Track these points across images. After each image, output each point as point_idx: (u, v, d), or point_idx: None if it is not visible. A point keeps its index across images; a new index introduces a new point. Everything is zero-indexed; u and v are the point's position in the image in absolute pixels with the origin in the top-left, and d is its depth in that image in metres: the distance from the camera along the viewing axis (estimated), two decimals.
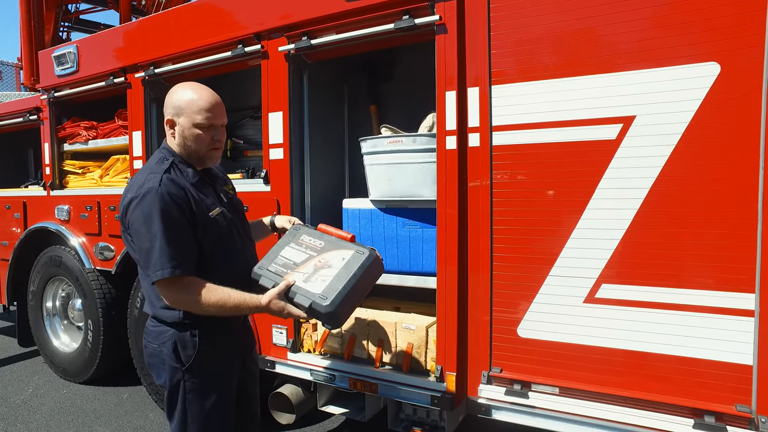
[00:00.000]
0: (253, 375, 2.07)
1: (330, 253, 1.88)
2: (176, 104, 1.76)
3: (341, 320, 1.82)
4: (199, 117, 1.74)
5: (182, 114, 1.75)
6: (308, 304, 1.70)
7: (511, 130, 2.11)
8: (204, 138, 1.78)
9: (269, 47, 2.72)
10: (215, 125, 1.79)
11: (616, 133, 1.90)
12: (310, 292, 1.73)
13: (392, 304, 2.95)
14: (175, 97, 1.77)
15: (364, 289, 1.86)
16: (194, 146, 1.78)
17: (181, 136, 1.77)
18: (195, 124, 1.75)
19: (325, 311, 1.68)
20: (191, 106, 1.74)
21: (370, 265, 1.80)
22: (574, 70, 1.97)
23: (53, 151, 4.00)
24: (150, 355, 1.82)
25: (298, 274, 1.82)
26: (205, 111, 1.74)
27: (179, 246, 1.66)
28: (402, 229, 2.64)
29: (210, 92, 1.79)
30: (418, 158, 2.48)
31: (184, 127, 1.76)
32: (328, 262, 1.84)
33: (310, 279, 1.79)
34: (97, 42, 3.62)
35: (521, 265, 2.13)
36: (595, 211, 1.96)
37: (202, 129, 1.76)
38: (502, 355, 2.20)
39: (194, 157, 1.81)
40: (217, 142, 1.82)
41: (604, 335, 2.00)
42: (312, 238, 1.98)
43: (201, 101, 1.74)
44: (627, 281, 1.94)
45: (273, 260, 1.94)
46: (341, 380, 2.59)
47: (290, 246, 1.98)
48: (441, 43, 2.24)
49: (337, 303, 1.69)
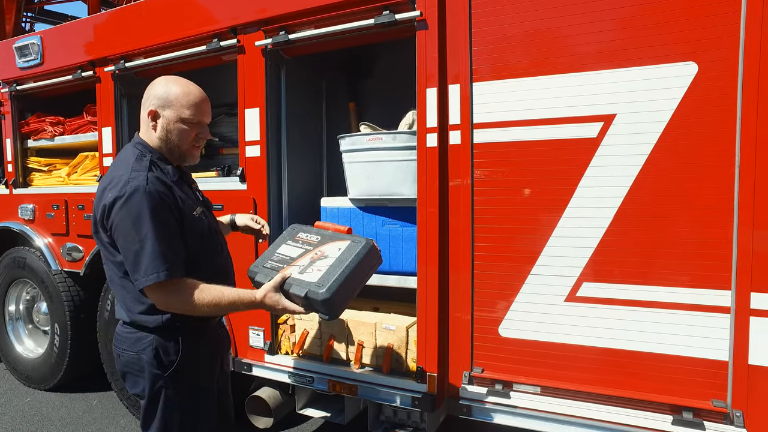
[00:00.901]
0: (227, 377, 2.01)
1: (326, 245, 1.85)
2: (163, 96, 1.68)
3: (338, 309, 1.78)
4: (187, 112, 1.68)
5: (169, 106, 1.68)
6: (304, 293, 1.66)
7: (492, 128, 2.10)
8: (189, 134, 1.72)
9: (246, 42, 2.65)
10: (202, 122, 1.73)
11: (597, 132, 1.90)
12: (306, 281, 1.69)
13: (371, 304, 2.91)
14: (162, 89, 1.69)
15: (361, 278, 1.83)
16: (177, 141, 1.71)
17: (164, 130, 1.70)
18: (182, 118, 1.68)
19: (322, 298, 1.64)
20: (180, 99, 1.67)
21: (366, 254, 1.78)
22: (555, 68, 1.97)
23: (16, 148, 3.82)
24: (125, 363, 1.73)
25: (293, 267, 1.79)
26: (194, 106, 1.69)
27: (170, 248, 1.60)
28: (382, 228, 2.60)
29: (199, 89, 1.74)
30: (397, 156, 2.45)
31: (169, 120, 1.69)
32: (324, 253, 1.81)
33: (306, 270, 1.76)
34: (64, 33, 3.47)
35: (502, 264, 2.12)
36: (576, 210, 1.96)
37: (189, 125, 1.70)
38: (483, 354, 2.19)
39: (174, 153, 1.74)
40: (200, 140, 1.77)
41: (586, 333, 2.00)
42: (308, 234, 1.96)
43: (191, 96, 1.69)
44: (607, 279, 1.94)
45: (269, 258, 1.91)
46: (320, 382, 2.54)
47: (286, 243, 1.96)
48: (422, 40, 2.21)
49: (334, 289, 1.65)
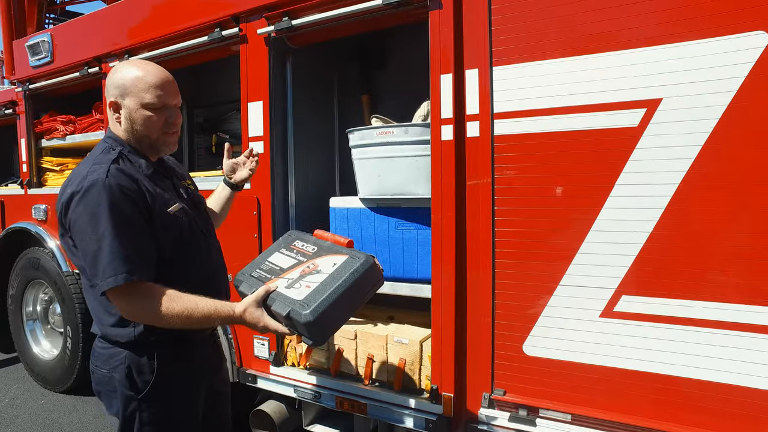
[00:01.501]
0: (222, 396, 1.81)
1: (321, 258, 1.62)
2: (119, 83, 1.49)
3: (325, 334, 1.56)
4: (148, 96, 1.48)
5: (128, 94, 1.49)
6: (286, 311, 1.43)
7: (515, 118, 1.84)
8: (156, 121, 1.51)
9: (248, 30, 2.46)
10: (168, 105, 1.52)
11: (639, 120, 1.62)
12: (290, 298, 1.47)
13: (386, 313, 2.69)
14: (118, 75, 1.50)
15: (355, 301, 1.59)
16: (144, 131, 1.52)
17: (128, 120, 1.51)
18: (144, 104, 1.48)
19: (305, 321, 1.41)
20: (138, 84, 1.48)
21: (364, 272, 1.53)
22: (589, 47, 1.69)
23: (30, 147, 3.78)
24: (98, 382, 1.56)
25: (281, 280, 1.56)
26: (155, 88, 1.48)
27: (133, 247, 1.40)
28: (395, 230, 2.37)
29: (159, 68, 1.53)
30: (410, 151, 2.22)
31: (130, 109, 1.50)
32: (318, 267, 1.58)
33: (294, 285, 1.53)
34: (71, 30, 3.39)
35: (527, 273, 1.86)
36: (613, 211, 1.69)
37: (153, 110, 1.50)
38: (505, 375, 1.93)
39: (145, 143, 1.55)
40: (171, 126, 1.55)
41: (624, 355, 1.72)
42: (305, 244, 1.73)
43: (149, 77, 1.48)
44: (651, 292, 1.66)
45: (258, 266, 1.70)
46: (327, 398, 2.34)
47: (280, 251, 1.75)
48: (435, 20, 1.97)
49: (319, 312, 1.42)
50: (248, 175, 1.98)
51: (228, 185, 2.00)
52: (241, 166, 1.99)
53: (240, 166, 1.99)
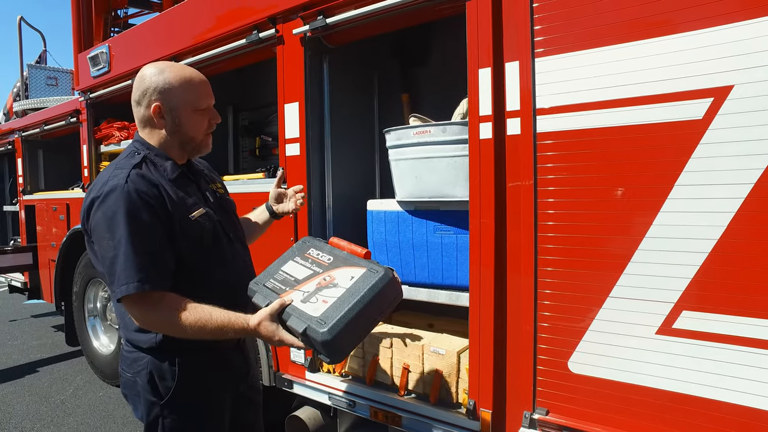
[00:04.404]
0: (253, 404, 1.77)
1: (338, 270, 1.55)
2: (163, 87, 1.47)
3: (342, 353, 1.48)
4: (199, 98, 1.52)
5: (177, 97, 1.48)
6: (302, 329, 1.38)
7: (559, 113, 1.68)
8: (203, 123, 1.55)
9: (284, 31, 2.44)
10: (210, 106, 1.56)
11: (704, 111, 1.42)
12: (307, 314, 1.41)
13: (425, 320, 2.59)
14: (159, 79, 1.48)
15: (374, 316, 1.51)
16: (191, 133, 1.53)
17: (175, 123, 1.51)
18: (195, 107, 1.51)
19: (322, 339, 1.34)
20: (185, 86, 1.48)
21: (383, 287, 1.45)
22: (645, 31, 1.51)
23: (91, 153, 3.98)
24: (124, 385, 1.56)
25: (296, 293, 1.50)
26: (206, 93, 1.53)
27: (148, 255, 1.38)
28: (433, 234, 2.26)
29: (195, 70, 1.55)
30: (449, 151, 2.10)
31: (179, 112, 1.50)
32: (334, 280, 1.51)
33: (310, 299, 1.47)
34: (125, 40, 3.53)
35: (574, 283, 1.69)
36: (673, 215, 1.50)
37: (200, 112, 1.53)
38: (548, 393, 1.77)
39: (189, 146, 1.56)
40: (213, 127, 1.59)
41: (683, 378, 1.52)
42: (320, 253, 1.66)
43: (196, 81, 1.51)
44: (718, 308, 1.45)
45: (272, 275, 1.63)
46: (362, 408, 2.26)
47: (294, 260, 1.68)
48: (472, 10, 1.85)
49: (337, 330, 1.35)
50: (292, 210, 1.93)
51: (269, 211, 1.95)
52: (287, 199, 1.95)
53: (286, 198, 1.95)
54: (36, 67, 6.38)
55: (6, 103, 7.19)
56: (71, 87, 6.28)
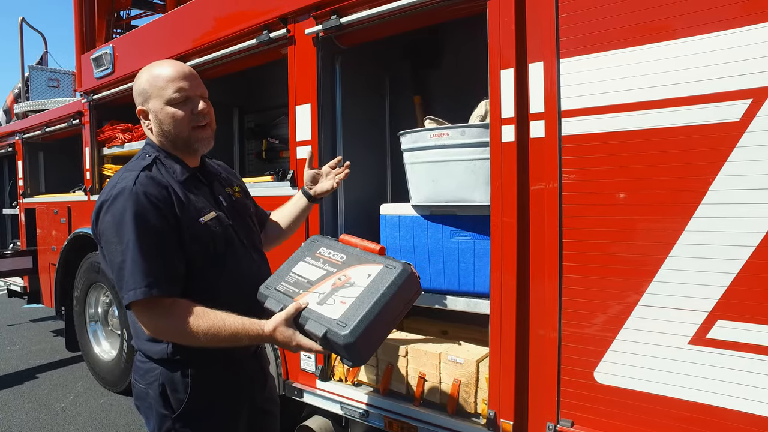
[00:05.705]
0: (269, 415, 1.70)
1: (353, 268, 1.48)
2: (140, 89, 1.44)
3: (365, 355, 1.41)
4: (168, 91, 1.40)
5: (150, 96, 1.42)
6: (322, 332, 1.31)
7: (586, 116, 1.63)
8: (182, 116, 1.42)
9: (296, 31, 2.39)
10: (191, 97, 1.43)
11: (741, 113, 1.37)
12: (326, 317, 1.34)
13: (439, 326, 2.53)
14: (138, 82, 1.46)
15: (395, 315, 1.44)
16: (173, 130, 1.43)
17: (157, 124, 1.44)
18: (166, 101, 1.41)
19: (344, 342, 1.28)
20: (156, 82, 1.41)
21: (402, 284, 1.38)
22: (677, 30, 1.46)
23: (93, 155, 3.92)
24: (137, 396, 1.50)
25: (311, 295, 1.43)
26: (173, 82, 1.40)
27: (156, 259, 1.32)
28: (449, 240, 2.21)
29: (175, 62, 1.47)
30: (467, 154, 2.05)
31: (156, 111, 1.43)
32: (350, 279, 1.44)
33: (326, 301, 1.40)
34: (129, 41, 3.48)
35: (600, 290, 1.64)
36: (707, 221, 1.45)
37: (176, 104, 1.41)
38: (573, 404, 1.72)
39: (179, 144, 1.47)
40: (199, 117, 1.45)
41: (717, 390, 1.46)
42: (332, 251, 1.58)
43: (166, 73, 1.41)
44: (755, 318, 1.40)
45: (283, 278, 1.55)
46: (375, 418, 2.20)
47: (305, 261, 1.60)
48: (494, 9, 1.80)
49: (359, 332, 1.28)
50: (331, 186, 1.81)
51: (306, 196, 1.85)
52: (323, 177, 1.84)
53: (322, 177, 1.84)
54: (37, 68, 6.32)
55: (6, 101, 7.13)
56: (73, 89, 6.22)
